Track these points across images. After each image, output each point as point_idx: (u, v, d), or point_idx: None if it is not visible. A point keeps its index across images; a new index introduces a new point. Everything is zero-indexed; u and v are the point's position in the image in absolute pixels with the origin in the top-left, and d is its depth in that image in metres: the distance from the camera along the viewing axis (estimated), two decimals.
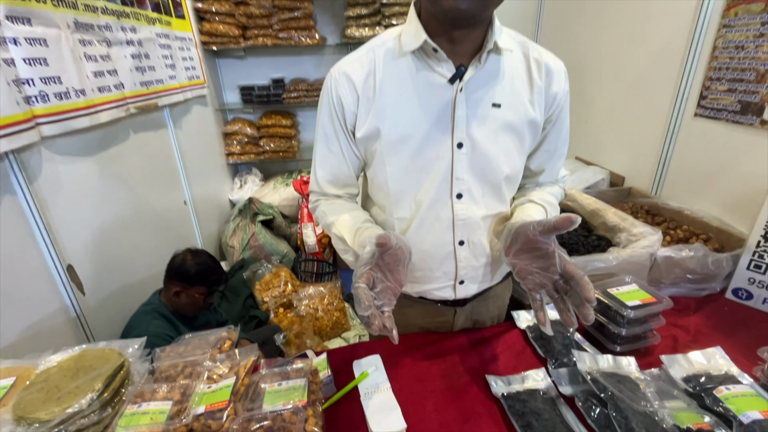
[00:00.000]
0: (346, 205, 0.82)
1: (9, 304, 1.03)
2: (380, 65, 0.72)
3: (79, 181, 1.34)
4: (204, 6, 2.46)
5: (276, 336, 1.75)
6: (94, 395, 0.61)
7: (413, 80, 0.71)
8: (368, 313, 0.58)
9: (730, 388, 0.67)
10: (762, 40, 1.02)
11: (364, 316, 0.59)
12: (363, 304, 0.58)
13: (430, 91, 0.71)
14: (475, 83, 0.71)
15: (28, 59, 1.10)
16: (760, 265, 0.98)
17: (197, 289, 1.42)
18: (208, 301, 1.49)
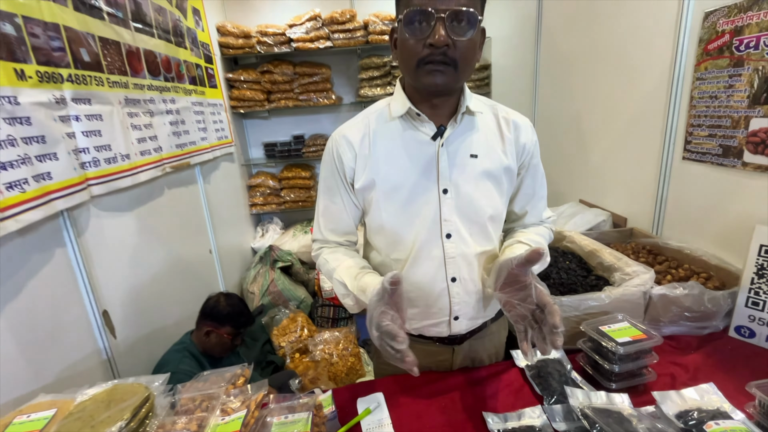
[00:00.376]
0: (347, 253, 0.92)
1: (53, 345, 1.14)
2: (374, 128, 0.86)
3: (118, 234, 1.50)
4: (234, 76, 2.78)
5: (291, 381, 1.78)
6: (123, 423, 0.69)
7: (402, 139, 0.84)
8: (405, 347, 0.66)
9: (720, 423, 0.68)
10: (732, 91, 1.11)
11: (401, 350, 0.67)
12: (399, 338, 0.66)
13: (417, 147, 0.83)
14: (454, 139, 0.84)
15: (86, 132, 1.30)
16: (757, 302, 0.99)
17: (226, 329, 1.55)
18: (234, 342, 1.60)
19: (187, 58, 2.16)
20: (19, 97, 1.05)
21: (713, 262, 1.17)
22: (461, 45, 0.73)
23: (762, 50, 1.02)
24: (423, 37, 0.72)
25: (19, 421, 0.76)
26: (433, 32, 0.71)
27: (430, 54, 0.73)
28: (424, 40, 0.72)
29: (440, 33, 0.70)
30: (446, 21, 0.70)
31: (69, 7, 1.28)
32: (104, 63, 1.43)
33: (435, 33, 0.71)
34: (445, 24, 0.70)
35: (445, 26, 0.70)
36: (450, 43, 0.71)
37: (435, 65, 0.73)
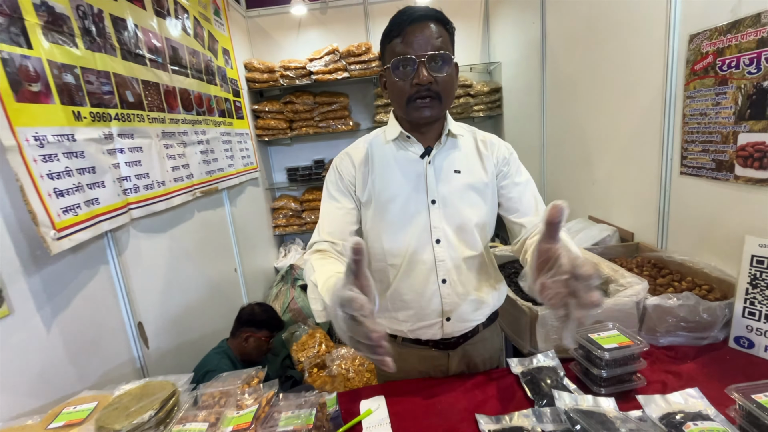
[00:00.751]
0: (334, 262, 0.88)
1: (95, 352, 1.28)
2: (372, 150, 0.99)
3: (153, 253, 1.65)
4: (259, 107, 3.01)
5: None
6: (153, 412, 0.80)
7: (395, 158, 0.97)
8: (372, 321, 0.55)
9: (698, 423, 0.71)
10: (719, 108, 1.15)
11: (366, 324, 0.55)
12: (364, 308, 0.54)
13: (408, 164, 0.95)
14: (439, 157, 0.96)
15: (128, 162, 1.48)
16: (753, 312, 1.00)
17: (263, 333, 1.78)
18: (269, 345, 1.83)
19: (217, 93, 2.39)
20: (75, 134, 1.23)
21: (714, 274, 1.18)
22: (441, 80, 0.86)
23: (743, 69, 1.07)
24: (409, 78, 0.86)
25: (67, 411, 0.88)
26: (417, 74, 0.85)
27: (417, 91, 0.86)
28: (411, 81, 0.86)
29: (423, 74, 0.84)
30: (426, 63, 0.84)
31: (118, 56, 1.49)
32: (145, 102, 1.63)
33: (419, 74, 0.85)
34: (426, 66, 0.84)
35: (426, 67, 0.84)
36: (432, 80, 0.85)
37: (423, 100, 0.87)
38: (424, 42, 0.84)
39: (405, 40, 0.85)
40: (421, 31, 0.84)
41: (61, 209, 1.14)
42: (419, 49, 0.84)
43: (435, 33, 0.85)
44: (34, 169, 1.07)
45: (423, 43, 0.84)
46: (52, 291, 1.14)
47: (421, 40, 0.84)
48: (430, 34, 0.84)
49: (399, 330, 1.02)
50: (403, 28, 0.85)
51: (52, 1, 1.20)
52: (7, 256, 1.01)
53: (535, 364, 1.00)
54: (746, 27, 1.04)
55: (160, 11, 1.84)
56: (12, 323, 1.01)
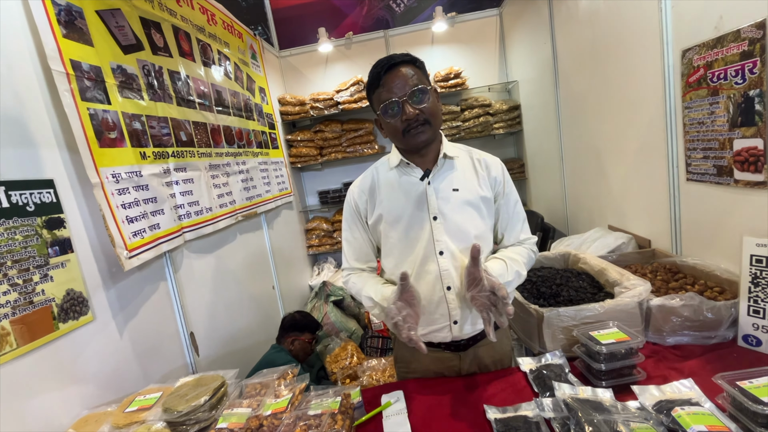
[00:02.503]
0: (371, 276, 1.16)
1: (155, 356, 1.48)
2: (379, 176, 1.15)
3: (202, 271, 1.87)
4: (292, 137, 3.28)
5: None
6: (206, 398, 0.96)
7: (399, 183, 1.10)
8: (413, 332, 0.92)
9: (685, 408, 0.77)
10: (714, 117, 1.21)
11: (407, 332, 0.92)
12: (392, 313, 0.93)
13: (410, 187, 1.09)
14: (438, 178, 1.09)
15: (182, 192, 1.72)
16: (758, 310, 1.02)
17: (306, 335, 2.04)
18: (312, 347, 2.09)
19: (254, 127, 2.66)
20: (142, 171, 1.48)
21: (725, 276, 1.21)
22: (425, 109, 1.01)
23: (730, 80, 1.13)
24: (398, 117, 1.02)
25: (139, 399, 1.07)
26: (403, 111, 1.00)
27: (408, 124, 1.01)
28: (400, 118, 1.01)
29: (409, 110, 1.00)
30: (409, 100, 1.00)
31: (174, 103, 1.76)
32: (195, 140, 1.89)
33: (405, 111, 1.00)
34: (409, 102, 1.00)
35: (409, 104, 1.00)
36: (418, 111, 1.00)
37: (415, 129, 1.02)
38: (402, 84, 1.00)
39: (386, 88, 1.01)
40: (396, 76, 1.00)
41: (131, 233, 1.37)
42: (399, 92, 1.00)
43: (408, 74, 1.01)
44: (112, 201, 1.30)
45: (401, 85, 1.00)
46: (123, 302, 1.36)
47: (399, 84, 1.00)
48: (405, 75, 1.00)
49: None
50: (381, 77, 1.02)
51: (125, 64, 1.48)
52: (91, 272, 1.24)
53: (543, 362, 1.08)
54: (729, 42, 1.12)
55: (207, 61, 2.13)
56: (94, 328, 1.22)
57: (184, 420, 0.94)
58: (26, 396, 1.00)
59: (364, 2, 3.42)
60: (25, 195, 1.07)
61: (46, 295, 1.08)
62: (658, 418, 0.78)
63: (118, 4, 1.49)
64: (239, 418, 0.92)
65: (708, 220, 1.32)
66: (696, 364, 1.00)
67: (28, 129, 1.11)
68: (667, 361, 1.04)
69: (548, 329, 1.12)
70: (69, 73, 1.21)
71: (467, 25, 3.32)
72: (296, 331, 2.11)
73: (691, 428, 0.73)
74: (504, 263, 1.03)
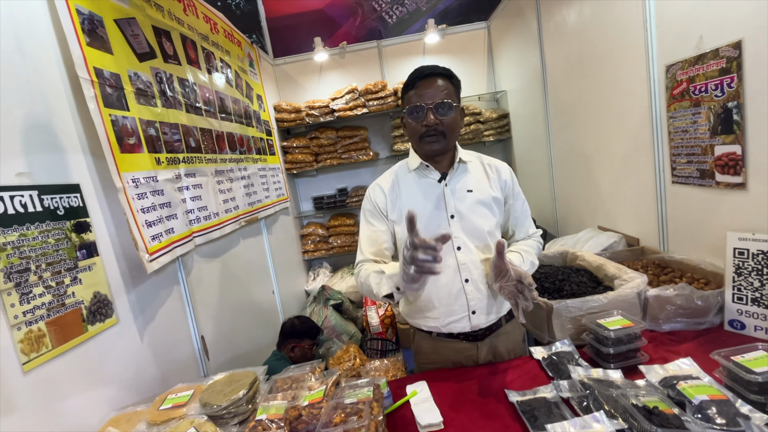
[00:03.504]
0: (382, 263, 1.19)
1: (171, 359, 1.49)
2: (398, 179, 1.23)
3: (210, 275, 1.89)
4: (288, 144, 3.32)
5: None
6: (244, 391, 1.00)
7: (417, 184, 1.19)
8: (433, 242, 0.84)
9: (688, 381, 0.87)
10: (696, 125, 1.35)
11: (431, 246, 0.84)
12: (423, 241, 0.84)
13: (428, 188, 1.18)
14: (454, 180, 1.18)
15: (192, 197, 1.75)
16: (741, 297, 1.15)
17: (306, 342, 2.01)
18: (313, 352, 2.08)
19: (254, 134, 2.69)
20: (158, 176, 1.50)
21: (709, 269, 1.34)
22: (446, 121, 1.10)
23: (710, 93, 1.27)
24: (420, 121, 1.10)
25: (171, 397, 1.09)
26: (426, 117, 1.09)
27: (426, 130, 1.10)
28: (421, 123, 1.10)
29: (430, 118, 1.09)
30: (433, 110, 1.08)
31: (183, 110, 1.79)
32: (203, 146, 1.92)
33: (427, 118, 1.09)
34: (433, 111, 1.08)
35: (433, 113, 1.09)
36: (438, 121, 1.09)
37: (430, 137, 1.11)
38: (433, 93, 1.09)
39: (417, 92, 1.10)
40: (429, 85, 1.09)
41: (150, 237, 1.39)
42: (428, 99, 1.09)
43: (441, 86, 1.10)
44: (134, 205, 1.33)
45: (432, 94, 1.09)
46: (142, 305, 1.37)
47: (430, 92, 1.09)
48: (437, 87, 1.09)
49: (434, 326, 1.21)
50: (416, 82, 1.11)
51: (141, 72, 1.51)
52: (115, 276, 1.26)
53: (554, 350, 1.17)
54: (709, 59, 1.26)
55: (210, 69, 2.17)
56: (118, 331, 1.24)
57: (224, 413, 0.98)
58: (61, 396, 1.01)
59: (358, 13, 3.51)
60: (56, 199, 1.09)
61: (76, 298, 1.10)
62: (665, 392, 0.88)
63: (133, 13, 1.53)
64: (277, 409, 0.97)
65: (692, 219, 1.45)
66: (690, 347, 1.12)
67: (56, 135, 1.13)
68: (665, 346, 1.15)
69: (557, 320, 1.22)
70: (93, 80, 1.24)
71: (456, 37, 3.46)
72: (295, 337, 2.09)
73: (695, 398, 0.83)
74: (520, 255, 1.12)
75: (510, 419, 0.96)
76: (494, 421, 0.96)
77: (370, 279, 1.09)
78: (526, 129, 3.06)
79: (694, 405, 0.82)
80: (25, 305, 0.95)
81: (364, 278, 1.13)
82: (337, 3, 3.50)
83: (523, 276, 0.97)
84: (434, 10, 3.51)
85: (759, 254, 1.11)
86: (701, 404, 0.81)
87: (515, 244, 1.22)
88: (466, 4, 3.47)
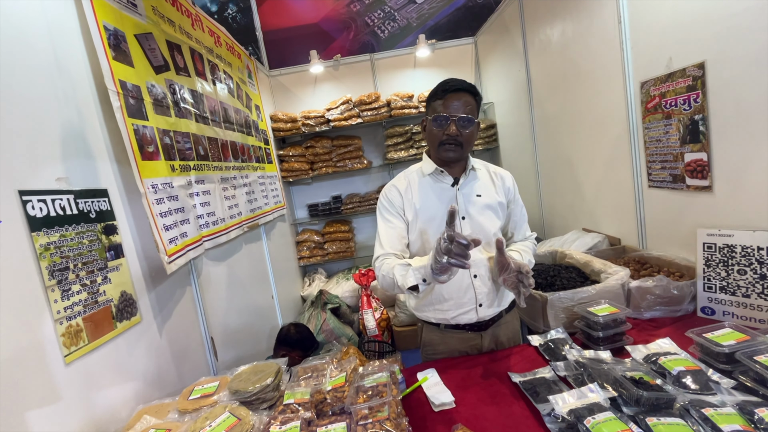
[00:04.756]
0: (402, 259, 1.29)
1: (186, 358, 1.55)
2: (413, 182, 1.33)
3: (217, 279, 1.95)
4: (284, 152, 3.40)
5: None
6: (272, 379, 1.08)
7: (432, 188, 1.30)
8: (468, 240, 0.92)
9: (668, 356, 1.00)
10: (668, 135, 1.51)
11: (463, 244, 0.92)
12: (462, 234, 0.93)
13: (442, 191, 1.29)
14: (465, 186, 1.30)
15: (201, 203, 1.82)
16: (711, 287, 1.30)
17: (296, 352, 1.91)
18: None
19: (253, 143, 2.77)
20: (173, 182, 1.57)
21: (683, 263, 1.50)
22: (465, 134, 1.22)
23: (680, 107, 1.44)
24: (443, 129, 1.21)
25: (198, 389, 1.16)
26: (449, 127, 1.21)
27: (447, 139, 1.22)
28: (443, 131, 1.21)
29: (453, 129, 1.20)
30: (457, 121, 1.19)
31: (193, 120, 1.86)
32: (210, 154, 2.00)
33: (450, 128, 1.21)
34: (456, 123, 1.19)
35: (456, 125, 1.20)
36: (458, 133, 1.20)
37: (450, 146, 1.23)
38: (459, 106, 1.20)
39: (444, 104, 1.21)
40: (456, 98, 1.21)
41: (168, 240, 1.46)
42: (453, 111, 1.20)
43: (467, 101, 1.21)
44: (154, 209, 1.40)
45: (457, 107, 1.20)
46: (161, 305, 1.43)
47: (456, 105, 1.20)
48: (464, 102, 1.21)
49: (443, 318, 1.32)
50: (446, 94, 1.22)
51: (157, 84, 1.59)
52: (138, 277, 1.32)
53: (549, 338, 1.29)
54: (678, 77, 1.43)
55: (215, 80, 2.25)
56: (141, 329, 1.30)
57: (253, 399, 1.05)
58: (95, 389, 1.07)
59: (351, 28, 3.66)
60: (88, 203, 1.16)
61: (107, 296, 1.16)
62: (648, 366, 1.01)
63: (150, 29, 1.61)
64: (303, 394, 1.05)
65: (667, 219, 1.61)
66: (668, 331, 1.26)
67: (87, 142, 1.21)
68: (646, 331, 1.29)
69: (551, 310, 1.34)
70: (119, 91, 1.32)
71: (445, 51, 3.64)
72: (287, 346, 2.03)
73: (674, 369, 0.96)
74: (519, 254, 1.25)
75: (514, 397, 1.07)
76: (500, 398, 1.07)
77: (395, 271, 1.16)
78: (513, 138, 3.23)
79: (672, 375, 0.95)
80: (65, 301, 1.01)
81: (386, 271, 1.20)
82: (332, 17, 3.64)
83: (521, 266, 1.10)
84: (424, 26, 3.68)
85: (724, 248, 1.27)
86: (678, 374, 0.94)
87: (514, 245, 1.34)
88: (455, 21, 3.66)
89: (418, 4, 3.65)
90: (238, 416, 0.97)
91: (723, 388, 0.90)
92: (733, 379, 0.93)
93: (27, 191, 0.95)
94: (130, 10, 1.48)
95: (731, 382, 0.92)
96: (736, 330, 1.04)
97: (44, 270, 0.96)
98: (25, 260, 0.92)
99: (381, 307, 3.06)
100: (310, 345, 2.08)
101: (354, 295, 3.27)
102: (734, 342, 0.98)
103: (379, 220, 1.35)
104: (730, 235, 1.25)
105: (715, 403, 0.83)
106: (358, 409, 0.97)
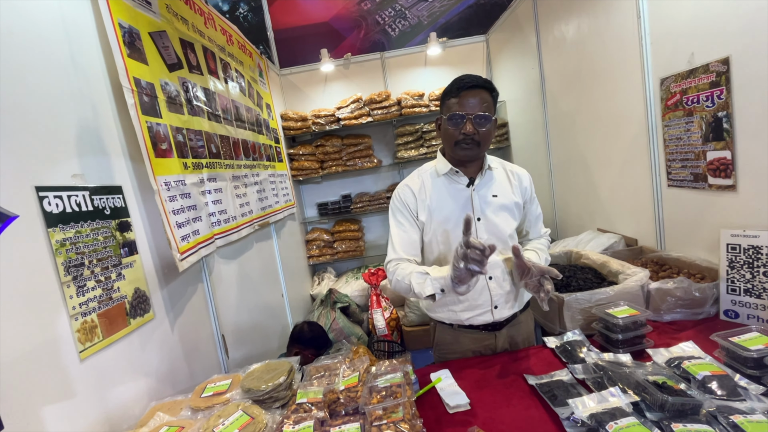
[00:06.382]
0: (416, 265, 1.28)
1: (197, 356, 1.55)
2: (426, 182, 1.30)
3: (229, 277, 1.96)
4: (294, 151, 3.40)
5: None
6: (284, 377, 1.07)
7: (446, 188, 1.27)
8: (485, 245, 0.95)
9: (692, 360, 0.97)
10: (690, 133, 1.47)
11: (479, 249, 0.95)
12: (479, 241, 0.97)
13: (457, 192, 1.26)
14: (481, 186, 1.26)
15: (213, 201, 1.82)
16: (735, 289, 1.26)
17: (309, 350, 1.92)
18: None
19: (264, 141, 2.78)
20: (185, 180, 1.58)
21: (704, 264, 1.45)
22: (482, 132, 1.19)
23: (702, 104, 1.40)
24: (459, 128, 1.18)
25: (211, 386, 1.16)
26: (465, 126, 1.17)
27: (463, 138, 1.19)
28: (459, 130, 1.18)
29: (469, 127, 1.17)
30: (473, 120, 1.16)
31: (205, 118, 1.87)
32: (222, 152, 2.00)
33: (466, 127, 1.17)
34: (472, 122, 1.16)
35: (472, 123, 1.17)
36: (475, 131, 1.17)
37: (466, 145, 1.19)
38: (475, 104, 1.16)
39: (460, 102, 1.18)
40: (472, 96, 1.17)
41: (180, 237, 1.46)
42: (469, 110, 1.17)
43: (483, 98, 1.17)
44: (167, 207, 1.40)
45: (473, 105, 1.17)
46: (173, 302, 1.44)
47: (472, 103, 1.17)
48: (480, 99, 1.17)
49: (457, 319, 1.29)
50: (460, 92, 1.18)
51: (170, 81, 1.59)
52: (151, 274, 1.32)
53: (565, 340, 1.26)
54: (700, 73, 1.39)
55: (227, 78, 2.26)
56: (154, 325, 1.30)
57: (266, 398, 1.04)
58: (109, 385, 1.07)
59: (362, 26, 3.65)
60: (103, 199, 1.16)
61: (121, 292, 1.16)
62: (671, 370, 0.98)
63: (164, 27, 1.62)
64: (315, 393, 1.04)
65: (687, 219, 1.57)
66: (690, 334, 1.22)
67: (102, 139, 1.21)
68: (667, 334, 1.25)
69: (568, 311, 1.31)
70: (133, 89, 1.32)
71: (456, 49, 3.61)
72: (300, 343, 2.04)
73: (699, 374, 0.92)
74: (536, 253, 1.22)
75: (530, 399, 1.04)
76: (516, 401, 1.05)
77: (412, 278, 1.15)
78: (525, 137, 3.19)
79: (697, 380, 0.91)
80: (80, 297, 1.01)
81: (401, 276, 1.19)
82: (342, 16, 3.63)
83: (545, 271, 1.09)
84: (435, 24, 3.66)
85: (750, 249, 1.22)
86: (704, 379, 0.91)
87: (529, 243, 1.32)
88: (466, 19, 3.62)
89: (429, 2, 3.63)
90: (251, 415, 0.96)
91: (752, 394, 0.86)
92: (762, 385, 0.90)
93: (43, 187, 0.96)
94: (144, 8, 1.48)
95: (760, 388, 0.88)
96: (764, 334, 1.00)
97: (60, 266, 0.96)
98: (41, 256, 0.92)
99: (390, 307, 3.05)
100: (324, 343, 2.09)
101: (363, 294, 3.26)
102: (762, 346, 0.95)
103: (391, 222, 1.33)
104: (756, 236, 1.21)
105: (744, 410, 0.80)
106: (373, 410, 0.95)
